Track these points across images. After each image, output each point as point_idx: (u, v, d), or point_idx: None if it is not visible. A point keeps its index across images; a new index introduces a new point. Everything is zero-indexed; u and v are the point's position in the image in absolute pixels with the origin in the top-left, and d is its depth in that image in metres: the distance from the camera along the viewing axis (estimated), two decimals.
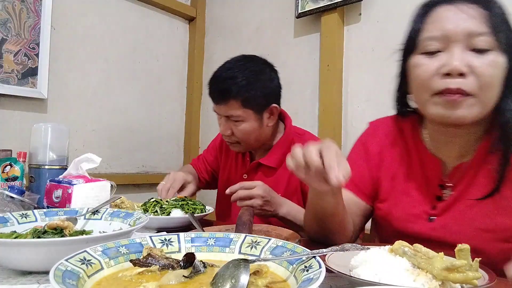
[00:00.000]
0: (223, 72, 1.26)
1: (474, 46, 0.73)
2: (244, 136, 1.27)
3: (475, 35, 0.72)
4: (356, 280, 0.54)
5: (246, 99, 1.22)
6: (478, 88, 0.72)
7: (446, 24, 0.75)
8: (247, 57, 1.31)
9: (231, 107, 1.24)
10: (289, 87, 2.15)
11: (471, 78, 0.72)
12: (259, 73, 1.26)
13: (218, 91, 1.25)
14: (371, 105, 1.82)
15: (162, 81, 2.51)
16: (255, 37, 2.37)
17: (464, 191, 0.82)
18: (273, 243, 0.59)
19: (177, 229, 1.01)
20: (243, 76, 1.23)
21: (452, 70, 0.72)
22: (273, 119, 1.31)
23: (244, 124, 1.26)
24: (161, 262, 0.54)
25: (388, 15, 1.76)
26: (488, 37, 0.72)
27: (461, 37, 0.73)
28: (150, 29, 2.44)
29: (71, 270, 0.46)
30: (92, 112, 2.14)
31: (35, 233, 0.70)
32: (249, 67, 1.26)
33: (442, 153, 0.86)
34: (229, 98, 1.23)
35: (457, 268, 0.52)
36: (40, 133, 1.32)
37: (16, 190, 1.09)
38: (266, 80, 1.28)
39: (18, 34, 1.80)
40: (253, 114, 1.25)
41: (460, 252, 0.55)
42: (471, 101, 0.73)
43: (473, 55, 0.73)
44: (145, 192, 2.35)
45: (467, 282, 0.52)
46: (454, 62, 0.72)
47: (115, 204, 1.03)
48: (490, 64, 0.72)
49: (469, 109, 0.73)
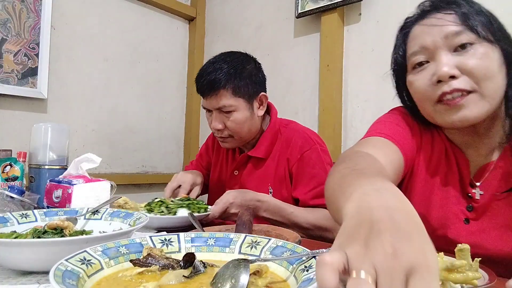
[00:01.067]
0: (209, 66, 1.28)
1: (456, 44, 0.73)
2: (237, 127, 1.27)
3: (452, 35, 0.73)
4: None
5: (236, 87, 1.23)
6: (476, 83, 0.72)
7: (423, 36, 0.77)
8: (229, 52, 1.34)
9: (223, 97, 1.23)
10: (289, 87, 2.16)
11: (464, 77, 0.72)
12: (245, 62, 1.28)
13: (207, 83, 1.25)
14: (371, 105, 1.82)
15: (162, 81, 2.51)
16: (255, 37, 2.37)
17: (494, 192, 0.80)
18: (273, 243, 0.59)
19: (178, 229, 1.01)
20: (229, 66, 1.24)
21: (441, 76, 0.73)
22: (263, 108, 1.32)
23: (236, 114, 1.25)
24: (161, 262, 0.54)
25: (388, 15, 1.76)
26: (466, 33, 0.73)
27: (440, 43, 0.74)
28: (150, 29, 2.44)
29: (71, 270, 0.46)
30: (92, 112, 2.14)
31: (35, 233, 0.70)
32: (233, 58, 1.28)
33: (468, 153, 0.84)
34: (219, 88, 1.23)
35: (457, 268, 0.52)
36: (40, 133, 1.32)
37: (16, 190, 1.09)
38: (253, 69, 1.29)
39: (18, 34, 1.80)
40: (244, 102, 1.25)
41: (460, 252, 0.55)
42: (473, 97, 0.72)
43: (459, 55, 0.73)
44: (145, 192, 2.35)
45: (467, 282, 0.52)
46: (442, 68, 0.72)
47: (119, 204, 1.01)
48: (478, 56, 0.72)
49: (476, 106, 0.72)
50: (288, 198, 1.28)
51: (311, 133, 1.35)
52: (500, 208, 0.79)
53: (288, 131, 1.34)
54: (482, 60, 0.72)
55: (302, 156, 1.27)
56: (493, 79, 0.72)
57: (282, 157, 1.31)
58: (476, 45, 0.72)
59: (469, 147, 0.84)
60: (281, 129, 1.36)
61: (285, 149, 1.31)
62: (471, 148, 0.84)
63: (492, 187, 0.80)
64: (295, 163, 1.27)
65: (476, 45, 0.72)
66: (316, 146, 1.28)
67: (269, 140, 1.34)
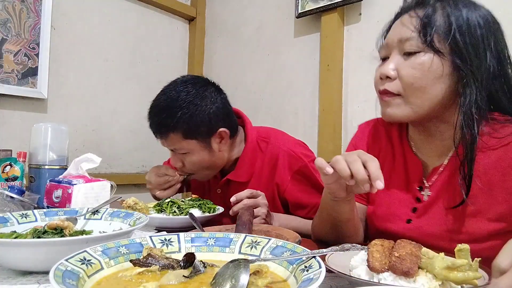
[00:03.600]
0: (161, 102, 1.17)
1: (404, 50, 0.79)
2: (195, 167, 1.20)
3: (404, 40, 0.79)
4: (356, 280, 0.54)
5: (186, 130, 1.14)
6: (403, 89, 0.79)
7: (389, 35, 0.84)
8: (187, 81, 1.20)
9: (173, 140, 1.16)
10: (289, 87, 2.16)
11: (397, 80, 0.80)
12: (199, 98, 1.15)
13: (155, 125, 1.17)
14: (371, 105, 1.80)
15: (162, 81, 2.47)
16: (255, 37, 2.37)
17: (439, 194, 0.84)
18: (273, 243, 0.59)
19: (179, 229, 1.01)
20: (181, 106, 1.13)
21: (381, 74, 0.82)
22: (224, 143, 1.21)
23: (191, 156, 1.18)
24: (161, 262, 0.54)
25: (388, 15, 1.75)
26: (415, 40, 0.77)
27: (395, 44, 0.81)
28: (150, 29, 2.44)
29: (71, 270, 0.46)
30: (92, 112, 2.14)
31: (35, 233, 0.70)
32: (188, 93, 1.15)
33: (422, 153, 0.89)
34: (168, 132, 1.15)
35: (457, 268, 0.52)
36: (40, 133, 1.32)
37: (16, 190, 1.09)
38: (208, 105, 1.16)
39: (18, 34, 1.80)
40: (198, 143, 1.16)
41: (459, 252, 0.55)
42: (397, 100, 0.80)
43: (404, 59, 0.79)
44: (145, 192, 2.32)
45: (467, 282, 0.52)
46: (383, 67, 0.81)
47: (128, 205, 0.99)
48: (413, 66, 0.77)
49: (398, 108, 0.81)
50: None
51: (295, 147, 1.25)
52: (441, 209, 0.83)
53: (271, 149, 1.24)
54: (415, 70, 0.77)
55: (294, 177, 1.20)
56: (423, 89, 0.77)
57: (270, 181, 1.22)
58: (419, 54, 0.77)
59: (422, 145, 0.88)
60: (261, 146, 1.26)
61: (271, 170, 1.23)
62: (424, 147, 0.88)
63: (439, 189, 0.84)
64: (287, 187, 1.20)
65: (420, 54, 0.77)
66: (305, 162, 1.20)
67: (248, 162, 1.24)
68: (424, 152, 0.89)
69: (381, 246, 0.60)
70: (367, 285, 0.52)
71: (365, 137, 1.03)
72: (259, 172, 1.24)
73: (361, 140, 1.03)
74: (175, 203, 1.10)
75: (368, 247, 0.60)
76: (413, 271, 0.53)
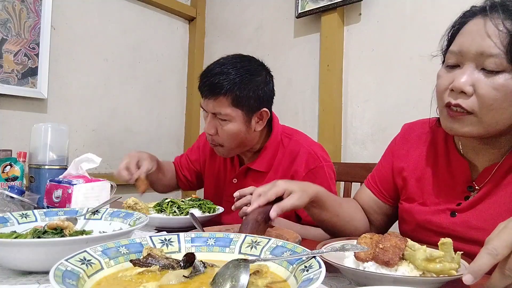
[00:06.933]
0: (217, 67, 1.18)
1: (484, 66, 0.72)
2: (228, 138, 1.20)
3: (486, 56, 0.71)
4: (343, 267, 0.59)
5: (237, 97, 1.15)
6: (478, 108, 0.73)
7: (465, 41, 0.75)
8: (244, 56, 1.24)
9: (220, 104, 1.16)
10: (289, 87, 2.16)
11: (473, 97, 0.73)
12: (255, 73, 1.19)
13: (209, 85, 1.17)
14: (371, 105, 1.82)
15: (162, 81, 2.51)
16: (255, 37, 2.37)
17: (490, 191, 0.81)
18: (273, 243, 0.59)
19: (178, 229, 1.01)
20: (237, 73, 1.15)
21: (455, 88, 0.74)
22: (261, 124, 1.24)
23: (230, 125, 1.18)
24: (161, 262, 0.54)
25: (388, 15, 1.77)
26: (500, 58, 0.70)
27: (473, 56, 0.73)
28: (150, 29, 2.44)
29: (71, 270, 0.46)
30: (92, 112, 2.14)
31: (35, 233, 0.70)
32: (245, 65, 1.19)
33: (472, 156, 0.86)
34: (219, 93, 1.15)
35: (435, 259, 0.57)
36: (40, 133, 1.32)
37: (16, 190, 1.09)
38: (261, 82, 1.20)
39: (18, 34, 1.80)
40: (242, 115, 1.18)
41: (443, 245, 0.59)
42: (471, 119, 0.74)
43: (481, 75, 0.72)
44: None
45: (444, 272, 0.57)
46: (460, 80, 0.73)
47: (128, 205, 1.00)
48: (496, 87, 0.71)
49: (470, 126, 0.75)
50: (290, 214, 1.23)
51: (316, 148, 1.28)
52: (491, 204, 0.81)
53: (293, 144, 1.27)
54: (496, 90, 0.71)
55: (308, 175, 1.21)
56: (502, 110, 0.72)
57: (286, 173, 1.24)
58: (502, 74, 0.71)
59: (476, 151, 0.85)
60: (283, 140, 1.29)
61: (289, 164, 1.25)
62: (476, 152, 0.85)
63: (490, 187, 0.81)
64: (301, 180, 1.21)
65: (502, 74, 0.71)
66: (322, 164, 1.23)
67: (271, 153, 1.27)
68: (472, 155, 0.86)
69: (370, 239, 0.65)
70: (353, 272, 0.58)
71: (409, 137, 1.00)
72: (278, 165, 1.27)
73: (402, 140, 1.02)
74: (175, 203, 1.10)
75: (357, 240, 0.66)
76: (394, 262, 0.58)
